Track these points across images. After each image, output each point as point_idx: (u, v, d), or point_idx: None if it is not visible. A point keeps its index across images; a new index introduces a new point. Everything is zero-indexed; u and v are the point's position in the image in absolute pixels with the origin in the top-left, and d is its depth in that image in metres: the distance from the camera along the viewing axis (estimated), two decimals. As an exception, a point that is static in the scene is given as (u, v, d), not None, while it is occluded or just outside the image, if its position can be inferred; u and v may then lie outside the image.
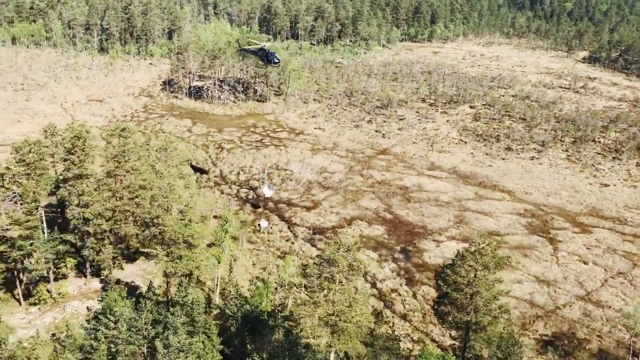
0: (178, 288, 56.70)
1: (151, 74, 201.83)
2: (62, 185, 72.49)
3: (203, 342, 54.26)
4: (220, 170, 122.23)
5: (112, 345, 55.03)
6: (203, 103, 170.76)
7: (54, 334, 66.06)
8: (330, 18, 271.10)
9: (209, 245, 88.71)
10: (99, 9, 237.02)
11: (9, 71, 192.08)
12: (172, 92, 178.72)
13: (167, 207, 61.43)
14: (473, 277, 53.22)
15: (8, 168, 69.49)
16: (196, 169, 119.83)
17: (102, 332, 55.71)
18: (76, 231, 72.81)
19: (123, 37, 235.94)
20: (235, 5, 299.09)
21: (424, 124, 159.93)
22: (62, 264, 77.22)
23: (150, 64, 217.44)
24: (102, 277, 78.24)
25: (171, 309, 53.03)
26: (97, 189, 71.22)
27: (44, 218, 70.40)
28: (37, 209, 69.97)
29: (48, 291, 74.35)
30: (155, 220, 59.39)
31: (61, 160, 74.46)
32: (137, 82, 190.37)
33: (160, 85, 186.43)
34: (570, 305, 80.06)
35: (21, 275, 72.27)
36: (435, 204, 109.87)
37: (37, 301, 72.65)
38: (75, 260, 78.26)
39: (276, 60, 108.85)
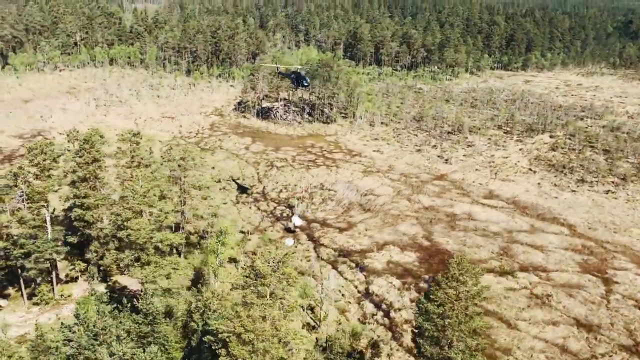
0: (142, 296, 54.33)
1: (229, 95, 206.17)
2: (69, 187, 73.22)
3: (155, 354, 51.32)
4: (264, 187, 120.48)
5: (67, 349, 53.59)
6: (269, 123, 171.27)
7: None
8: (417, 44, 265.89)
9: (232, 260, 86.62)
10: (190, 34, 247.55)
11: (97, 88, 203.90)
12: (242, 112, 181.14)
13: (139, 211, 59.65)
14: (450, 308, 46.34)
15: (21, 168, 71.05)
16: (239, 187, 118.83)
17: (65, 335, 54.53)
18: (79, 234, 72.96)
19: (210, 60, 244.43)
20: (324, 32, 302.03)
21: (493, 151, 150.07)
22: (72, 267, 77.83)
23: (231, 85, 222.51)
24: (108, 283, 77.94)
25: (116, 317, 50.72)
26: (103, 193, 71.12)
27: (48, 218, 71.14)
28: (43, 207, 70.88)
29: (53, 291, 74.95)
30: (125, 224, 57.80)
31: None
32: (213, 102, 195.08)
33: (234, 105, 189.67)
34: (610, 356, 69.22)
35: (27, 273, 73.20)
36: (481, 233, 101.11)
37: (39, 301, 73.31)
38: (86, 264, 78.53)
39: (305, 84, 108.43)
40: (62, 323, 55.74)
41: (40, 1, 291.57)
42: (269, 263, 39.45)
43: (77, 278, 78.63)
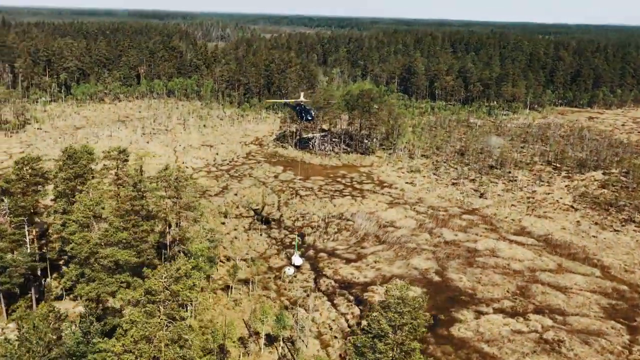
0: (82, 316, 51.98)
1: (274, 126, 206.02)
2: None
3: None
4: (281, 215, 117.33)
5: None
6: (305, 153, 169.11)
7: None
8: (473, 78, 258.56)
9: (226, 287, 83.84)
10: (245, 67, 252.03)
11: (149, 118, 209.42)
12: (281, 142, 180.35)
13: (86, 224, 57.65)
14: (384, 343, 40.82)
15: (8, 182, 71.49)
16: (260, 217, 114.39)
17: (5, 350, 52.96)
18: (58, 250, 72.13)
19: (261, 92, 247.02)
20: (381, 66, 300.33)
21: (536, 187, 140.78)
22: (57, 285, 77.05)
23: (279, 117, 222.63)
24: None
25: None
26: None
27: (27, 233, 70.75)
28: (24, 222, 70.69)
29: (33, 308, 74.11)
30: (71, 237, 55.90)
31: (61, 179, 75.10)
32: (256, 133, 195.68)
33: (276, 135, 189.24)
34: (619, 414, 60.28)
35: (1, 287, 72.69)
36: (501, 271, 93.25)
37: (16, 317, 72.54)
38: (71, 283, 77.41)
39: (309, 117, 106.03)
40: (5, 338, 54.19)
41: (109, 36, 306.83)
42: (162, 279, 35.91)
43: (62, 296, 77.67)
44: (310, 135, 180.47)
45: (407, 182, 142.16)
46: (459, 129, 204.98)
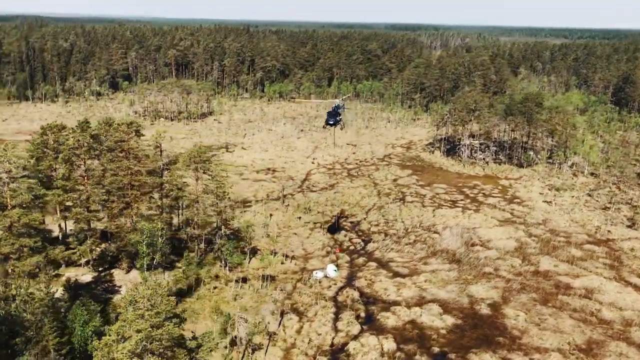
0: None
1: (439, 131, 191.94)
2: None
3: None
4: (364, 217, 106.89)
5: None
6: (450, 160, 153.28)
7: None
8: None
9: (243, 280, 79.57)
10: (432, 70, 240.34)
11: (318, 116, 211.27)
12: (432, 146, 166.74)
13: None
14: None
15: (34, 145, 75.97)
16: (334, 223, 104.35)
17: None
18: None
19: (444, 96, 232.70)
20: (599, 75, 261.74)
21: None
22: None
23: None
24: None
25: None
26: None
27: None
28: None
29: None
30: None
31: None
32: (414, 136, 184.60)
33: (431, 140, 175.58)
34: None
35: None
36: (580, 317, 71.31)
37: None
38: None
39: (331, 122, 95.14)
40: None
41: (318, 43, 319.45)
42: None
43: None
44: (464, 142, 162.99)
45: (544, 201, 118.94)
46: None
